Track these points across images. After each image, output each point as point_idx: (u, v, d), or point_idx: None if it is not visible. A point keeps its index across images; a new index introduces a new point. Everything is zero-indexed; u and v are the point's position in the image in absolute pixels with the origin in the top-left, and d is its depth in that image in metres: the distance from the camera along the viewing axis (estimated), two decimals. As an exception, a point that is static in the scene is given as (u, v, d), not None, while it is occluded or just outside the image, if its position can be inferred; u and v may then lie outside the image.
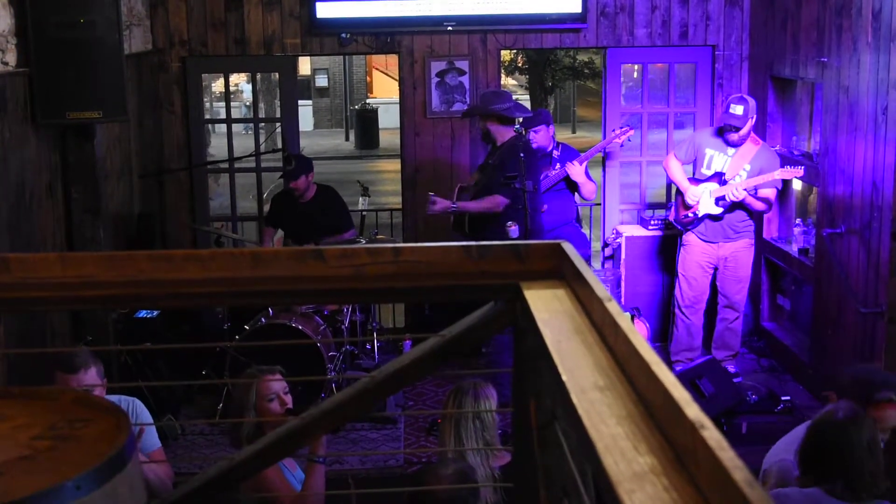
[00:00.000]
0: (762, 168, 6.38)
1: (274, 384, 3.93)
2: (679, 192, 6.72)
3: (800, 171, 6.28)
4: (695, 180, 6.61)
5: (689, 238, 6.71)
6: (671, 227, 7.07)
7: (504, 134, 6.33)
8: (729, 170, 6.45)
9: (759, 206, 6.45)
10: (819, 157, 6.37)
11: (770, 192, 6.41)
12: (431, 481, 3.26)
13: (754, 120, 6.44)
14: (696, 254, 6.68)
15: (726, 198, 6.39)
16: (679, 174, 6.73)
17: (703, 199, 6.50)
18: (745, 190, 6.32)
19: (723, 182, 6.44)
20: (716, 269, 6.69)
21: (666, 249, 7.37)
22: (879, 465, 3.14)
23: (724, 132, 6.48)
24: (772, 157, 6.52)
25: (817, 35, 6.25)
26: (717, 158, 6.54)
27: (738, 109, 6.32)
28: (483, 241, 5.74)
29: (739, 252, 6.62)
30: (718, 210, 6.47)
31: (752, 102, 6.40)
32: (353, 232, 7.20)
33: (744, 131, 6.37)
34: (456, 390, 3.85)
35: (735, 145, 6.47)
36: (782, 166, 6.37)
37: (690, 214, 6.58)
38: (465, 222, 6.48)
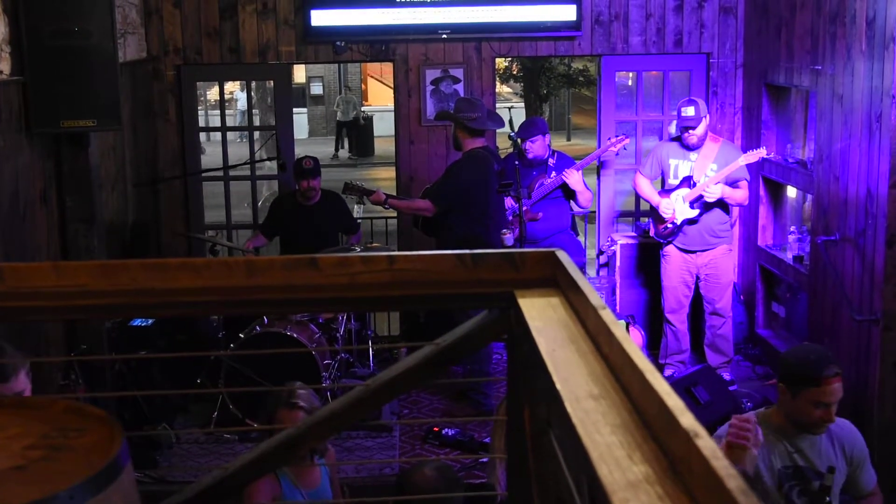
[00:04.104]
0: (727, 162, 6.56)
1: (287, 419, 3.78)
2: (653, 208, 6.81)
3: (762, 150, 6.55)
4: (665, 192, 6.72)
5: (669, 249, 6.82)
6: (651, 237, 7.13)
7: (469, 143, 6.44)
8: (696, 172, 6.60)
9: (736, 196, 6.57)
10: (813, 165, 6.38)
11: (742, 184, 6.59)
12: (415, 479, 3.31)
13: (708, 119, 6.67)
14: (675, 264, 6.79)
15: (703, 197, 6.48)
16: (649, 190, 6.87)
17: (678, 207, 6.62)
18: (717, 183, 6.47)
19: (692, 185, 6.58)
20: (698, 276, 6.76)
21: (659, 258, 7.39)
22: None
23: (683, 137, 6.63)
24: (734, 149, 6.75)
25: (811, 43, 6.26)
26: (683, 166, 6.69)
27: (689, 111, 6.52)
28: (432, 237, 5.84)
29: (718, 259, 6.72)
30: (695, 212, 6.58)
31: (701, 103, 6.62)
32: (360, 234, 7.55)
33: (700, 131, 6.54)
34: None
35: (695, 147, 6.64)
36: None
37: (669, 225, 6.68)
38: (419, 219, 6.72)
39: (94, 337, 5.67)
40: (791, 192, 7.32)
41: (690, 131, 6.53)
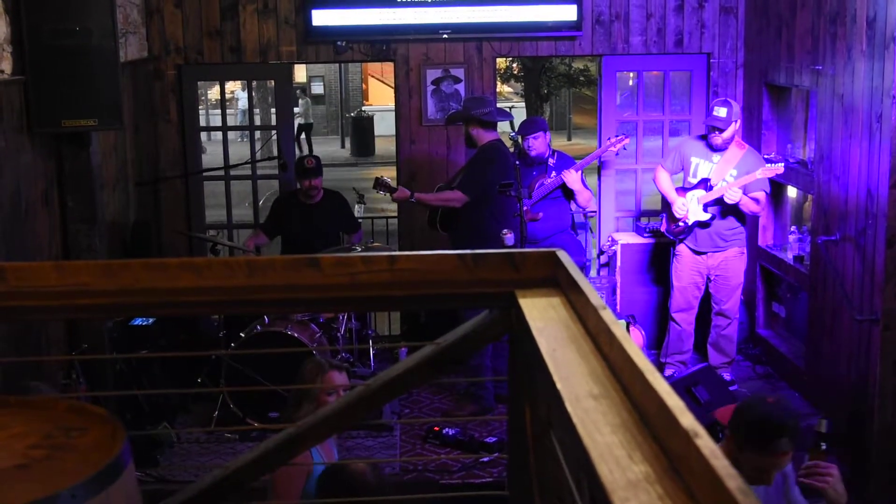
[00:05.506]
0: (748, 170, 6.47)
1: (338, 380, 4.12)
2: (667, 204, 6.78)
3: (780, 167, 6.41)
4: (682, 190, 6.69)
5: (681, 249, 6.79)
6: (663, 235, 7.11)
7: (485, 137, 6.50)
8: (714, 175, 6.53)
9: (752, 207, 6.50)
10: (814, 165, 6.38)
11: (760, 195, 6.48)
12: (351, 470, 3.41)
13: (738, 124, 6.56)
14: (687, 264, 6.75)
15: (724, 198, 6.43)
16: (667, 185, 6.81)
17: (692, 207, 6.57)
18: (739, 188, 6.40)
19: (709, 188, 6.52)
20: (708, 277, 6.74)
21: (661, 257, 7.39)
22: None
23: (709, 136, 6.58)
24: (756, 159, 6.61)
25: (812, 43, 6.26)
26: (703, 166, 6.62)
27: (721, 112, 6.44)
28: (454, 237, 5.81)
29: (730, 261, 6.68)
30: (707, 216, 6.54)
31: (735, 106, 6.52)
32: (360, 233, 7.52)
33: (727, 134, 6.47)
34: None
35: (720, 149, 6.55)
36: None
37: (681, 224, 6.64)
38: (437, 218, 6.65)
39: (95, 336, 5.67)
40: (791, 191, 7.32)
41: (717, 132, 6.49)
